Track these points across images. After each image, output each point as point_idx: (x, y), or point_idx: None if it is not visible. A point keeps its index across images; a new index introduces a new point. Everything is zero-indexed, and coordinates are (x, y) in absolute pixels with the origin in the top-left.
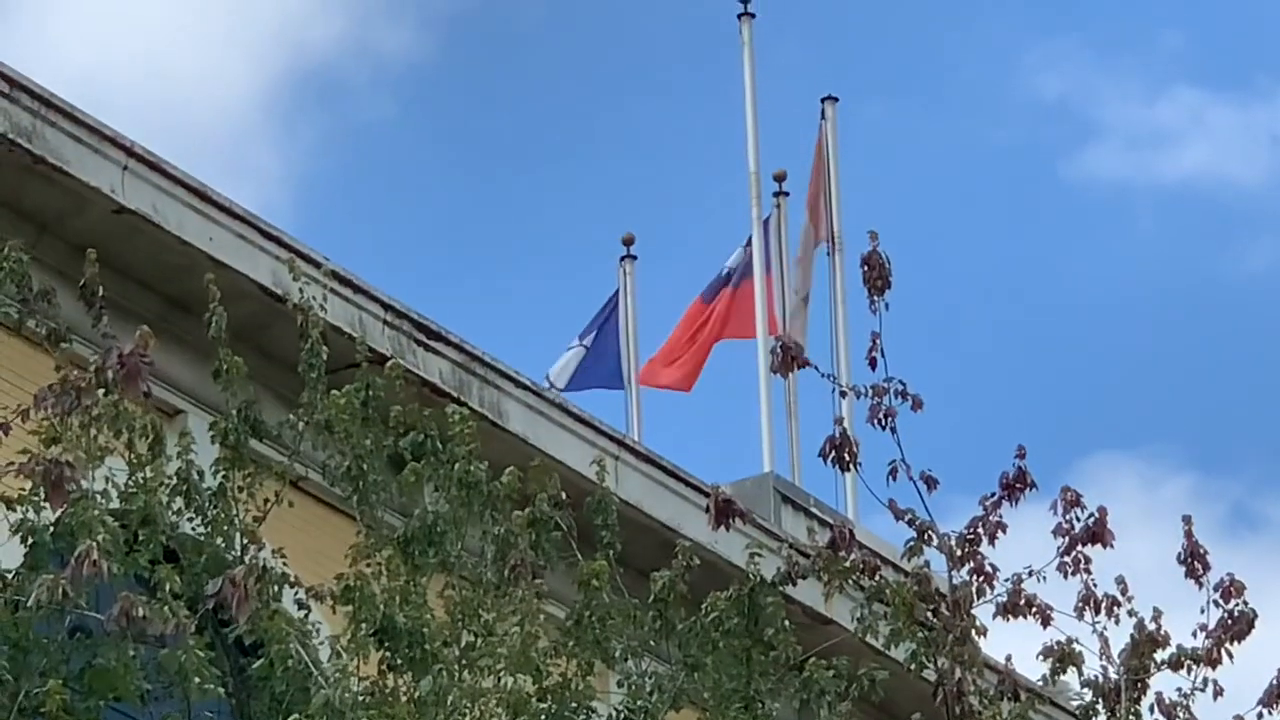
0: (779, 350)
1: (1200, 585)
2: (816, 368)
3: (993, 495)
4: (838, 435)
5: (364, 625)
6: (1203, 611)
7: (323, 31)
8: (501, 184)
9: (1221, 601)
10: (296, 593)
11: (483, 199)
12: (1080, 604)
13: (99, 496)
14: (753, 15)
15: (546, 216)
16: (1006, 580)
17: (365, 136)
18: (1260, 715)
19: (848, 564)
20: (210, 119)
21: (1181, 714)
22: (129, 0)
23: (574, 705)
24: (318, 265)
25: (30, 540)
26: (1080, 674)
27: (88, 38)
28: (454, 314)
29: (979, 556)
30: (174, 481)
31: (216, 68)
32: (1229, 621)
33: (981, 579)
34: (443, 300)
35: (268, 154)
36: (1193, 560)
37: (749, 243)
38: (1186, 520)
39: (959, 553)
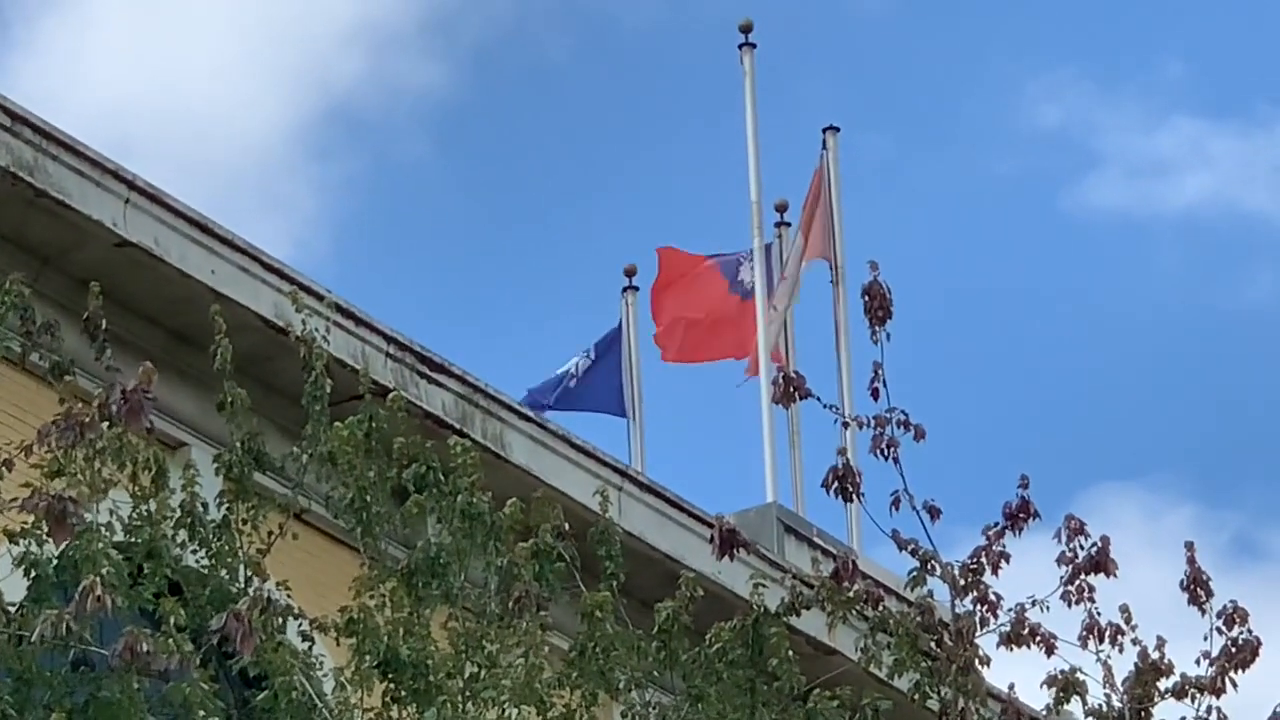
0: (780, 381)
1: (1203, 612)
2: (819, 398)
3: (996, 525)
4: (840, 466)
5: (368, 657)
6: (1206, 639)
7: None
8: (503, 215)
9: (1225, 629)
10: (300, 625)
11: (484, 230)
12: (1084, 633)
13: (103, 529)
14: (754, 46)
15: (548, 247)
16: (1010, 610)
17: (375, 170)
18: None
19: (851, 594)
20: (236, 155)
21: None
22: (155, 37)
23: None
24: (320, 298)
25: (34, 574)
26: (1084, 703)
27: (115, 75)
28: (456, 346)
29: (982, 586)
30: (178, 514)
31: (243, 103)
32: (1233, 650)
33: (985, 608)
34: (445, 332)
35: (291, 190)
36: (1195, 586)
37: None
38: (1189, 546)
39: (962, 582)
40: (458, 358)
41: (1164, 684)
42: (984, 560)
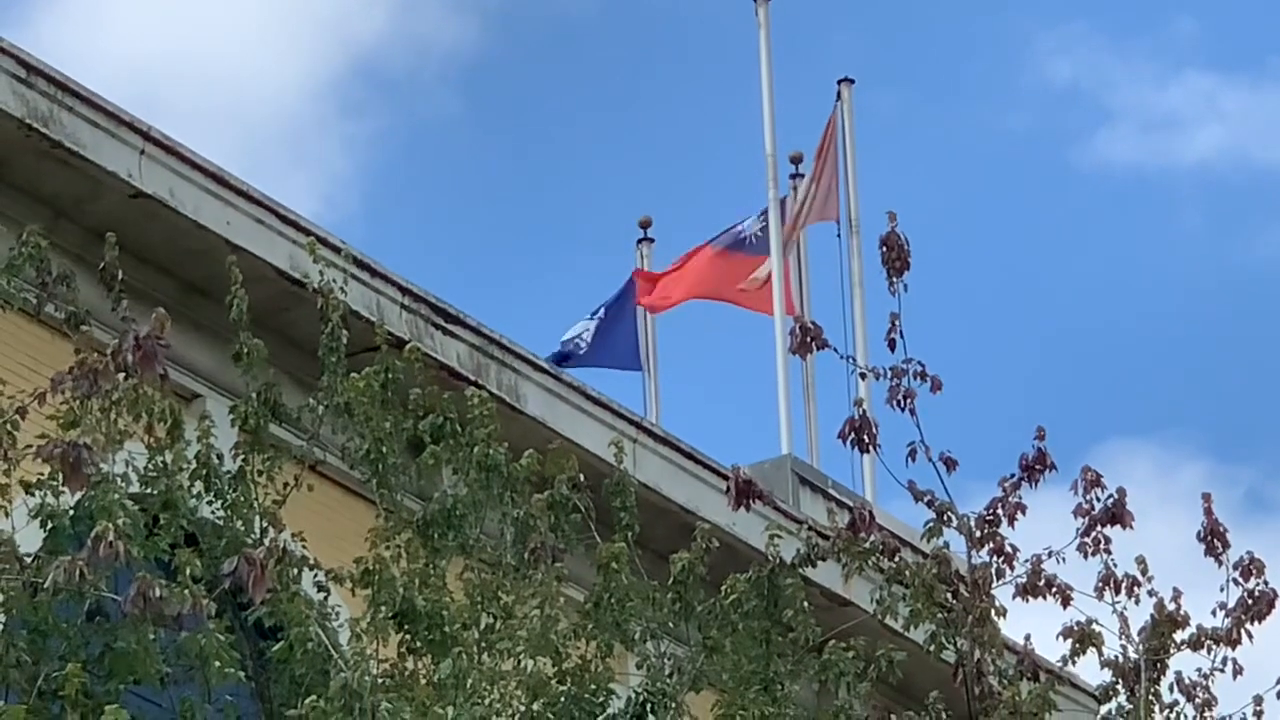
0: (798, 331)
1: (1220, 563)
2: (835, 349)
3: (1012, 476)
4: (857, 417)
5: (383, 608)
6: (1222, 590)
7: (366, 24)
8: (520, 168)
9: (1241, 580)
10: (316, 575)
11: (501, 183)
12: (1100, 584)
13: (119, 480)
14: None
15: (564, 199)
16: (1026, 561)
17: (398, 125)
18: None
19: (867, 545)
20: (261, 111)
21: (1200, 694)
22: None
23: (593, 687)
24: (336, 250)
25: (49, 524)
26: (1100, 654)
27: (138, 31)
28: (471, 297)
29: (999, 538)
30: (194, 466)
31: (267, 59)
32: (1249, 601)
33: (1001, 560)
34: (462, 284)
35: (318, 146)
36: (1212, 538)
37: (763, 214)
38: (1206, 498)
39: (978, 534)
40: (474, 309)
41: (1180, 635)
42: (1000, 512)
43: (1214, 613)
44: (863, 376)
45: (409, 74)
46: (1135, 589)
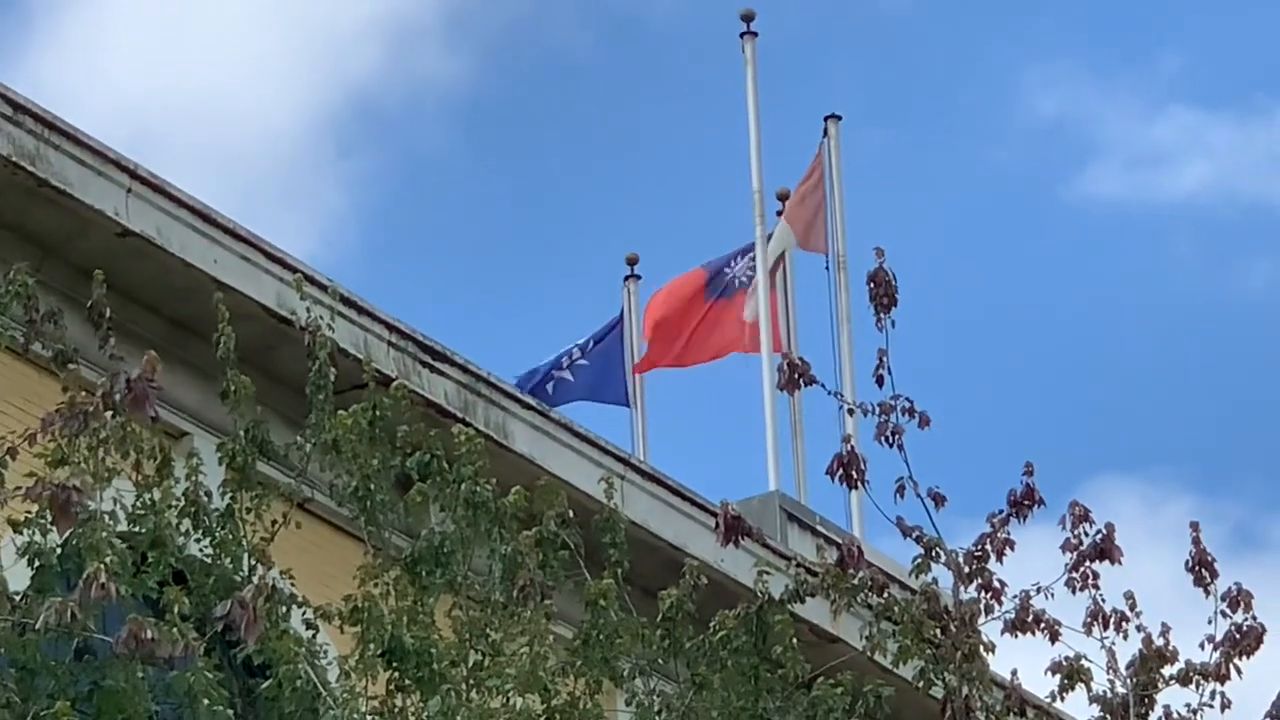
0: (785, 367)
1: (1208, 593)
2: (823, 385)
3: (1000, 512)
4: (846, 453)
5: (372, 645)
6: (1210, 622)
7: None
8: (506, 204)
9: (1229, 611)
10: (304, 613)
11: (488, 220)
12: (1088, 619)
13: (107, 518)
14: (755, 34)
15: (551, 236)
16: (1014, 597)
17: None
18: None
19: (856, 581)
20: (256, 149)
21: None
22: (175, 32)
23: None
24: (323, 287)
25: (38, 564)
26: (1089, 690)
27: (135, 70)
28: (459, 334)
29: (987, 573)
30: (182, 503)
31: (263, 98)
32: (1237, 636)
33: (989, 595)
34: (449, 320)
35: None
36: (1200, 568)
37: (745, 251)
38: (1194, 526)
39: (967, 569)
40: (462, 346)
41: (1168, 671)
42: (988, 547)
43: (1202, 646)
44: (850, 412)
45: (404, 111)
46: (1123, 624)
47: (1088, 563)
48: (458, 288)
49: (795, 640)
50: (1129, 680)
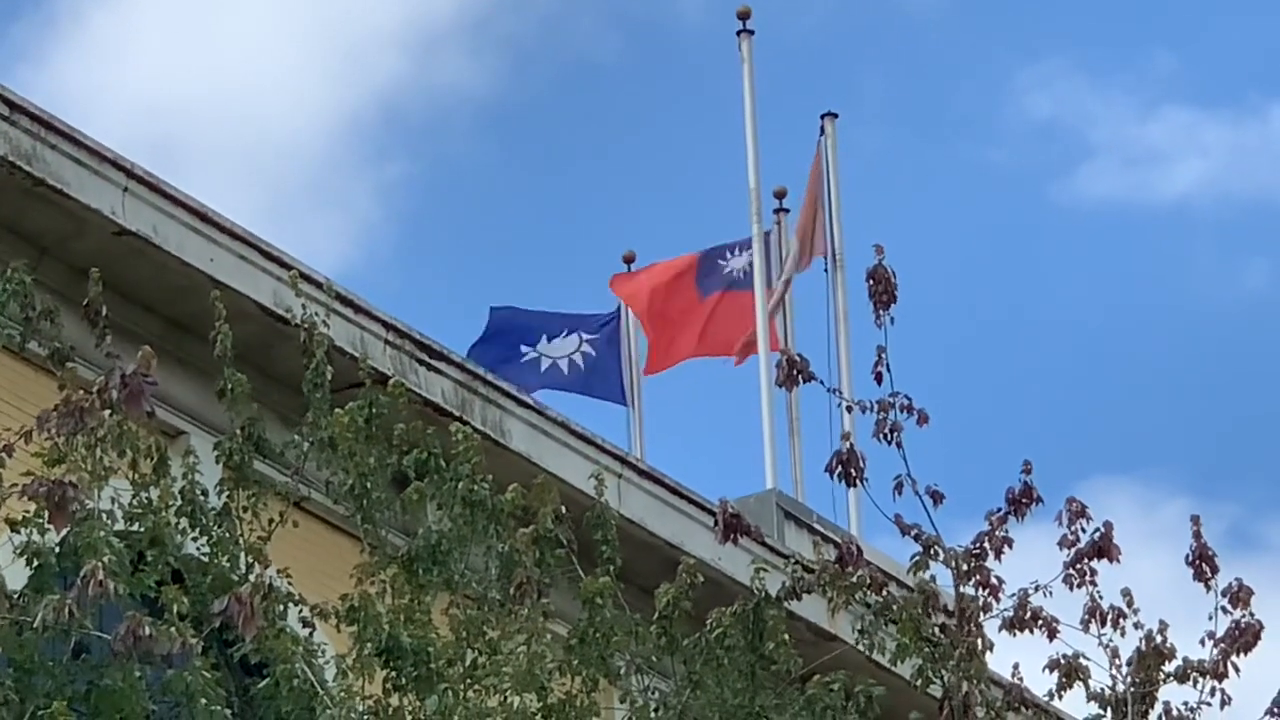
0: (784, 364)
1: (1208, 588)
2: (821, 382)
3: (999, 510)
4: (844, 450)
5: (369, 644)
6: (1210, 618)
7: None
8: (500, 201)
9: (1230, 607)
10: (301, 612)
11: (482, 216)
12: (1086, 617)
13: (104, 517)
14: (751, 32)
15: (547, 233)
16: (1013, 595)
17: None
18: None
19: (854, 579)
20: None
21: None
22: (199, 35)
23: None
24: (319, 285)
25: (35, 562)
26: (1087, 687)
27: (160, 73)
28: (455, 333)
29: (985, 571)
30: (179, 502)
31: (287, 102)
32: (1236, 632)
33: (988, 593)
34: (443, 319)
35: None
36: (1200, 562)
37: (744, 245)
38: (1195, 520)
39: (965, 567)
40: (459, 345)
41: (1167, 668)
42: (987, 545)
43: (1202, 642)
44: (849, 410)
45: (431, 117)
46: (1121, 621)
47: (1086, 561)
48: (451, 284)
49: (788, 636)
50: (1128, 677)
